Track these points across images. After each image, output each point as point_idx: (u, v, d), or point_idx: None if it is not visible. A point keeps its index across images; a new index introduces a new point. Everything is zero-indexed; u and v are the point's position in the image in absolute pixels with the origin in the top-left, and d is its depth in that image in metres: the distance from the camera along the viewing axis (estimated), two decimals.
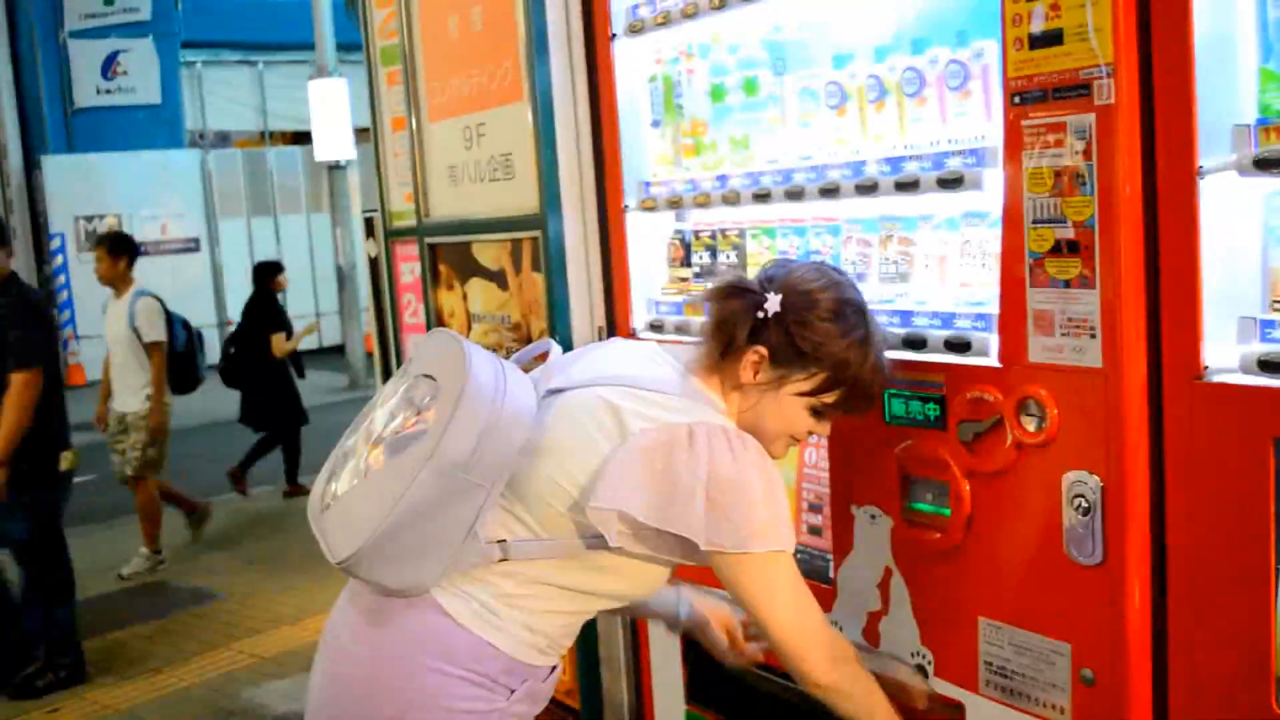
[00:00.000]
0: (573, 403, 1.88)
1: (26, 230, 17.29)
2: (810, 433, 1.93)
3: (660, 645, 2.69)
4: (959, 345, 1.97)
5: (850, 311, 1.84)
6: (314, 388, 15.37)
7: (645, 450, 1.76)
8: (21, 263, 16.95)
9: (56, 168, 16.64)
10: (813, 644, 1.86)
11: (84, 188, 16.60)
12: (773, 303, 1.83)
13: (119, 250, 6.83)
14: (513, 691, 1.88)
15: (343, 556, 1.77)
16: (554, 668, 2.00)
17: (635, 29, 2.58)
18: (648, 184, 2.63)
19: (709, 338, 1.90)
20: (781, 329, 1.82)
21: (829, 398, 1.84)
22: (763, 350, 1.83)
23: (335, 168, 11.76)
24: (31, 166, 17.06)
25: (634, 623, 2.77)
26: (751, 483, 1.79)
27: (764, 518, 1.79)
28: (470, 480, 1.75)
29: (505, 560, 1.83)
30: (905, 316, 2.09)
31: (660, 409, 1.82)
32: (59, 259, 16.43)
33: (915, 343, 2.04)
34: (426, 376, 1.85)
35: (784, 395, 1.85)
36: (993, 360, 1.91)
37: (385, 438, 1.82)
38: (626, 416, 1.80)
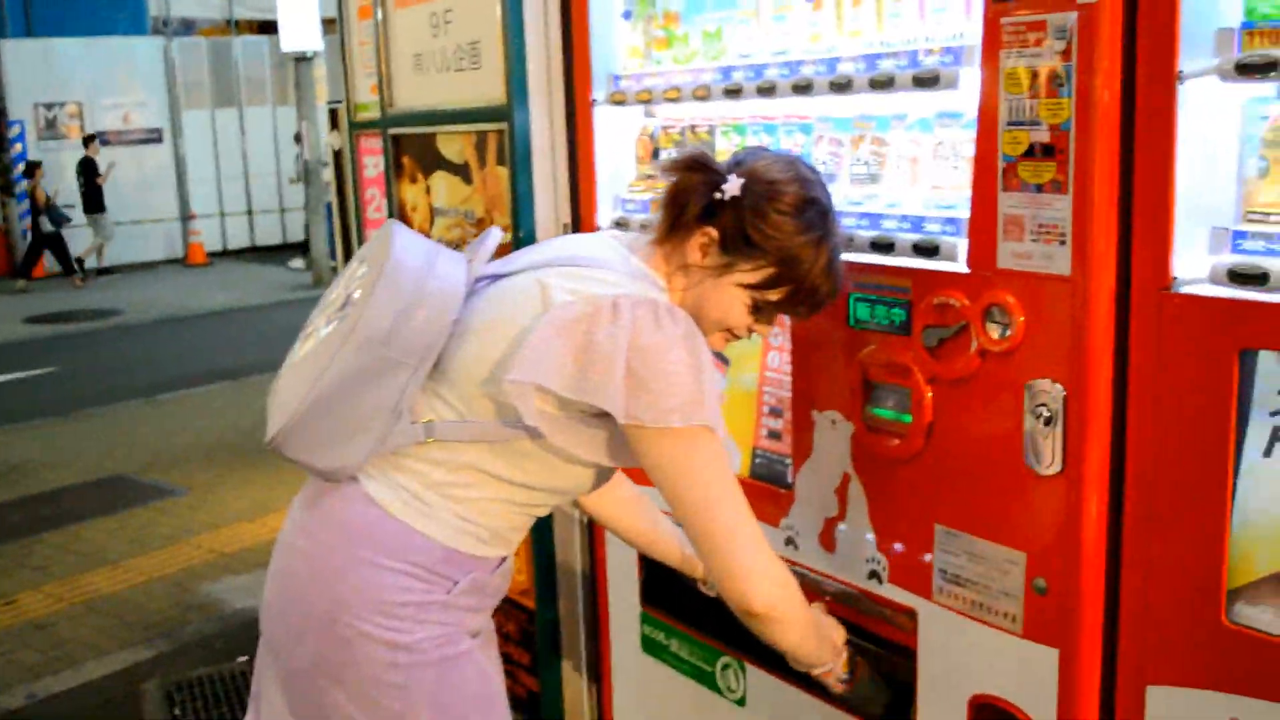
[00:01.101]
0: (506, 285, 1.86)
1: None
2: (750, 330, 1.89)
3: (616, 548, 2.70)
4: (927, 249, 1.94)
5: (811, 210, 1.80)
6: (278, 283, 15.35)
7: (566, 322, 1.71)
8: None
9: (15, 53, 16.35)
10: (747, 552, 1.80)
11: (44, 74, 16.33)
12: (733, 185, 1.80)
13: None
14: (455, 583, 1.86)
15: (270, 435, 1.79)
16: (502, 559, 1.96)
17: None
18: (617, 77, 2.58)
19: (661, 209, 1.87)
20: (737, 214, 1.78)
21: (773, 294, 1.81)
22: (713, 232, 1.79)
23: (302, 59, 11.58)
24: None
25: (590, 525, 2.77)
26: (676, 354, 1.72)
27: (688, 390, 1.72)
28: (390, 357, 1.75)
29: (432, 442, 1.81)
30: (874, 219, 2.07)
31: (591, 282, 1.78)
32: (18, 146, 16.20)
33: (883, 245, 2.02)
34: (362, 261, 1.86)
35: (727, 283, 1.81)
36: (961, 266, 1.89)
37: (326, 318, 1.83)
38: (553, 291, 1.77)
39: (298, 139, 15.47)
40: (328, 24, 9.63)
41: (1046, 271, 1.76)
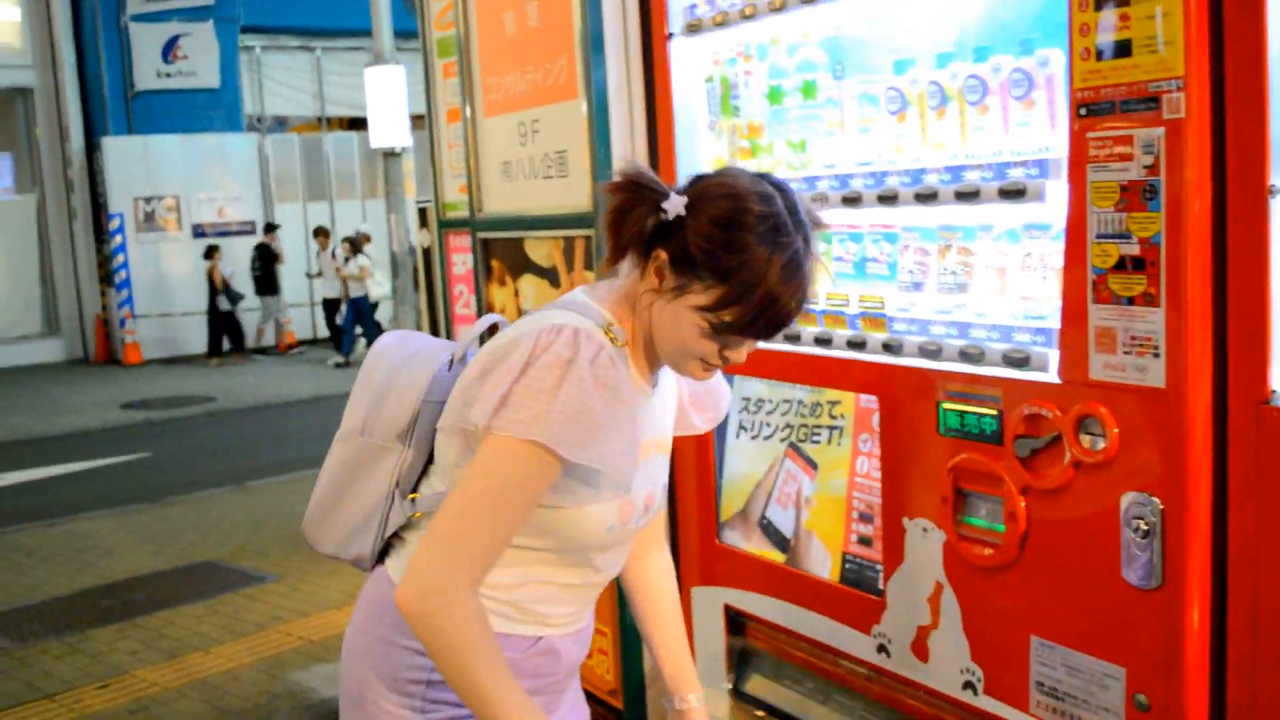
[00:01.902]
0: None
1: (87, 210, 17.58)
2: (722, 356, 1.73)
3: (704, 648, 2.69)
4: (1018, 360, 1.93)
5: (759, 224, 1.65)
6: None
7: (478, 361, 1.69)
8: (81, 242, 17.25)
9: (116, 149, 16.91)
10: (439, 555, 1.66)
11: (143, 169, 16.87)
12: (674, 203, 1.68)
13: None
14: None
15: (306, 533, 1.94)
16: (538, 639, 1.85)
17: (693, 28, 2.56)
18: None
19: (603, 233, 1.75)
20: (682, 235, 1.66)
21: (726, 315, 1.65)
22: (663, 254, 1.68)
23: (390, 154, 11.82)
24: (92, 148, 17.35)
25: None
26: (575, 382, 1.63)
27: (565, 414, 1.62)
28: (372, 443, 1.83)
29: (421, 516, 1.81)
30: (963, 328, 2.06)
31: (521, 325, 1.73)
32: (118, 239, 16.69)
33: (973, 355, 2.01)
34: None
35: (681, 308, 1.68)
36: (1052, 376, 1.88)
37: None
38: (490, 342, 1.74)
39: (317, 234, 16.21)
40: (416, 120, 9.85)
41: (1141, 384, 1.74)
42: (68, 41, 17.49)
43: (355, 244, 15.52)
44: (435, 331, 5.50)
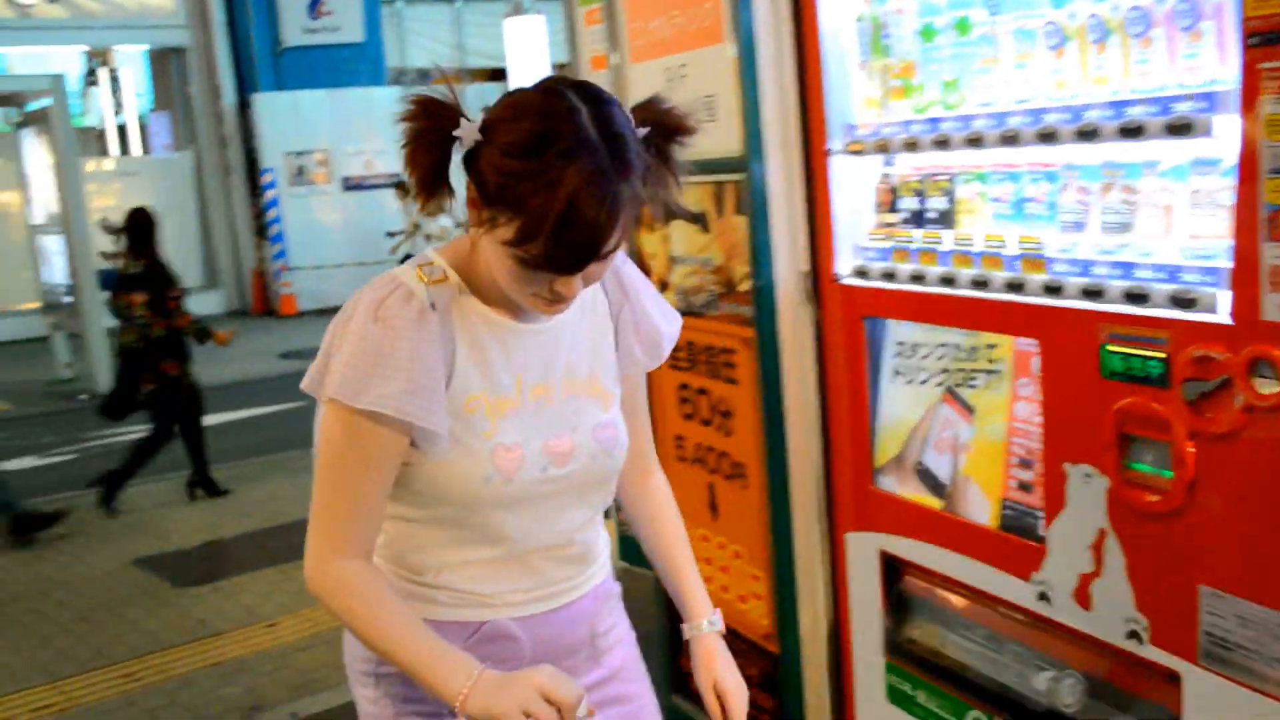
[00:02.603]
0: None
1: (242, 165, 18.13)
2: (554, 293, 1.60)
3: (860, 599, 2.71)
4: (1186, 301, 1.89)
5: (542, 146, 1.50)
6: None
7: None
8: (237, 197, 17.81)
9: (267, 105, 17.36)
10: (314, 529, 1.70)
11: (292, 124, 17.28)
12: (466, 130, 1.56)
13: None
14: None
15: None
16: (480, 624, 1.78)
17: None
18: (854, 127, 2.60)
19: None
20: (479, 164, 1.56)
21: (529, 249, 1.52)
22: (471, 186, 1.57)
23: None
24: (244, 104, 17.84)
25: (833, 567, 2.78)
26: (354, 329, 1.63)
27: (343, 366, 1.62)
28: None
29: None
30: (1127, 269, 2.02)
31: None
32: (271, 193, 17.17)
33: (1138, 296, 1.97)
34: None
35: (494, 242, 1.57)
36: (1223, 317, 1.83)
37: None
38: None
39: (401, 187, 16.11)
40: (558, 69, 9.90)
41: None
42: (218, 1, 17.97)
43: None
44: None
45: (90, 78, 20.45)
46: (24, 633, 5.75)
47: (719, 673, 1.89)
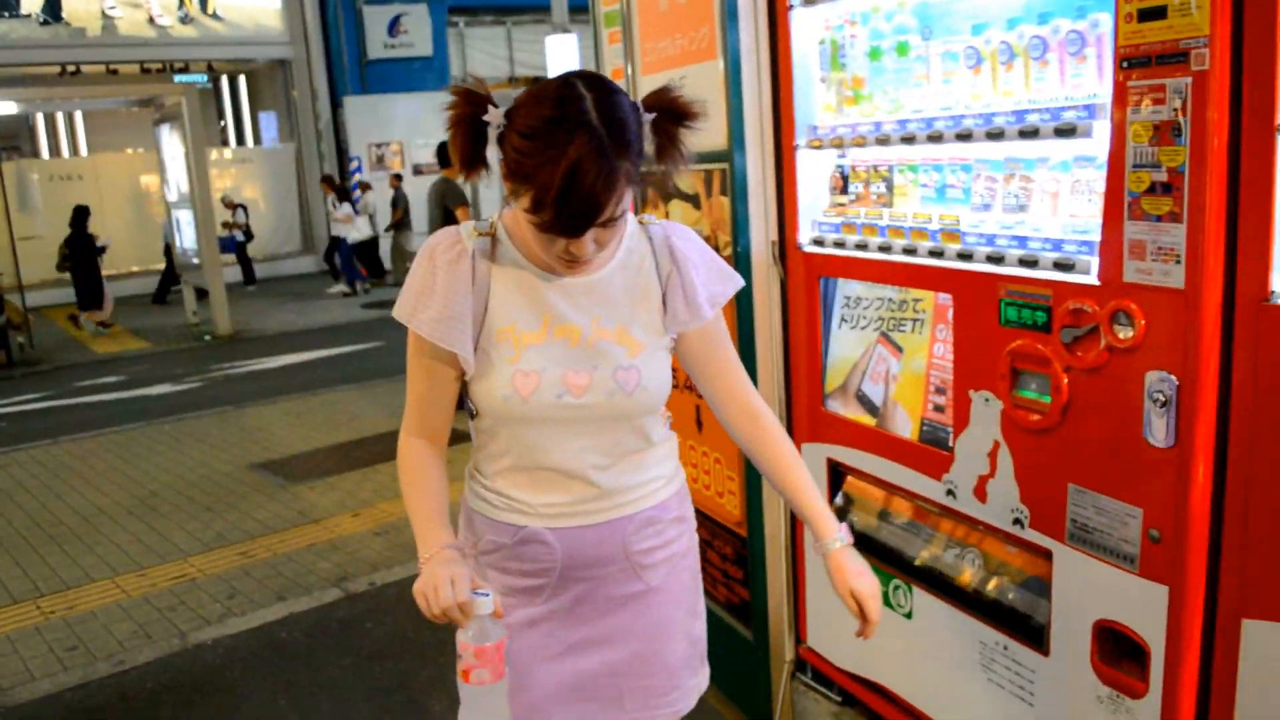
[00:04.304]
0: None
1: (333, 155, 18.08)
2: (570, 252, 1.57)
3: None
4: (1066, 265, 1.94)
5: (547, 128, 1.46)
6: None
7: None
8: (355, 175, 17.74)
9: (354, 106, 17.30)
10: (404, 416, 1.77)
11: (374, 121, 17.22)
12: (493, 114, 1.53)
13: None
14: (478, 540, 1.80)
15: None
16: (520, 528, 1.73)
17: (810, 0, 2.55)
18: (815, 127, 2.62)
19: None
20: (505, 144, 1.53)
21: (539, 216, 1.49)
22: (502, 163, 1.54)
23: None
24: (336, 105, 17.78)
25: None
26: (415, 265, 1.69)
27: (404, 291, 1.69)
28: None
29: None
30: (1022, 241, 2.06)
31: None
32: (356, 176, 17.12)
33: (1029, 262, 2.01)
34: None
35: (520, 210, 1.55)
36: (1093, 279, 1.88)
37: None
38: None
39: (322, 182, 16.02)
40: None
41: (1164, 285, 1.73)
42: (315, 22, 17.85)
43: (341, 192, 15.18)
44: None
45: (214, 83, 20.33)
46: (161, 520, 5.85)
47: (853, 582, 1.75)
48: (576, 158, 1.44)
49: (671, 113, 1.62)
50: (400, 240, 15.35)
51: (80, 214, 12.98)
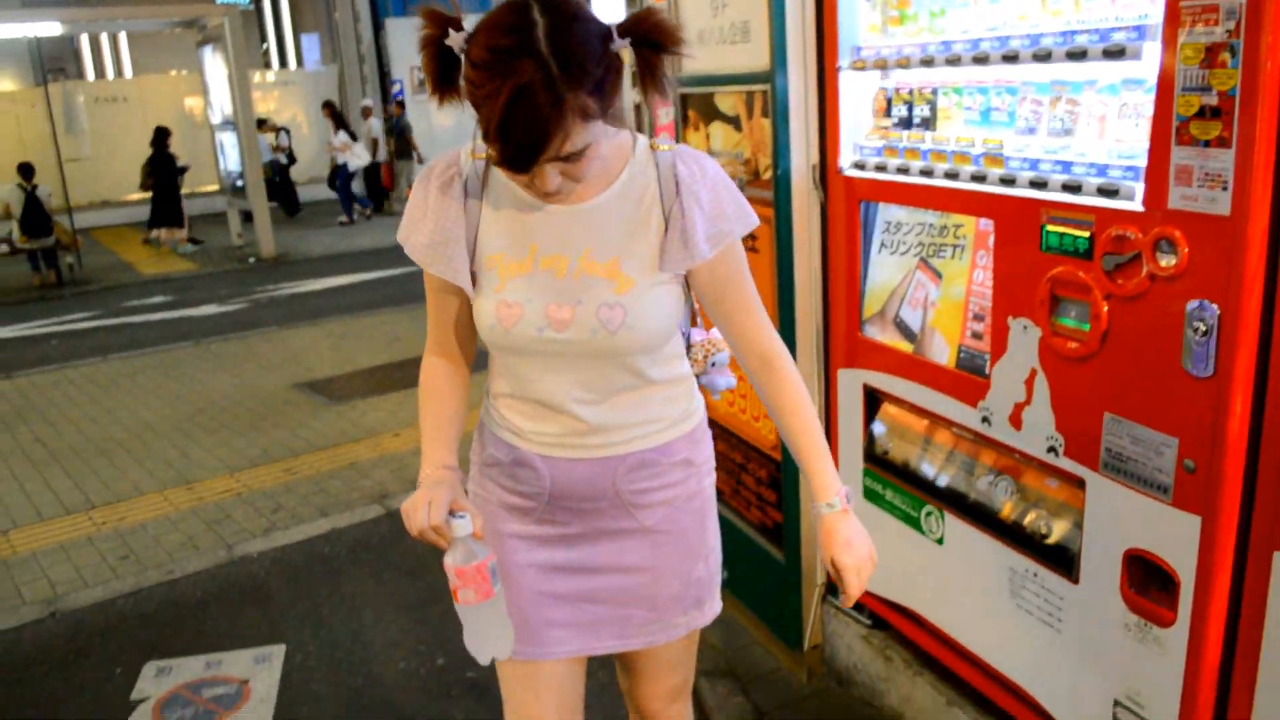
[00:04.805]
0: None
1: (375, 77, 18.00)
2: (533, 183, 1.51)
3: (846, 419, 2.78)
4: (1109, 191, 1.91)
5: (499, 58, 1.37)
6: None
7: None
8: (373, 101, 17.73)
9: (396, 28, 17.17)
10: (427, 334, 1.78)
11: (415, 45, 17.01)
12: (454, 40, 1.44)
13: None
14: (484, 449, 1.82)
15: None
16: (513, 448, 1.74)
17: None
18: (859, 48, 2.58)
19: None
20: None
21: (493, 149, 1.42)
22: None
23: None
24: (378, 28, 17.65)
25: (827, 395, 2.85)
26: (412, 188, 1.68)
27: (404, 214, 1.68)
28: None
29: None
30: (1066, 166, 2.03)
31: None
32: (396, 101, 17.05)
33: (1073, 187, 1.99)
34: None
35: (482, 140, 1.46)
36: (1137, 205, 1.85)
37: None
38: None
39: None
40: (629, 2, 9.71)
41: (1210, 212, 1.71)
42: None
43: (339, 119, 15.08)
44: None
45: (256, 4, 20.27)
46: (207, 437, 6.00)
47: (836, 551, 1.67)
48: (517, 90, 1.35)
49: (648, 40, 1.47)
50: (402, 168, 15.34)
51: (161, 134, 13.36)
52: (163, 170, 13.27)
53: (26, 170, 11.50)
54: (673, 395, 1.76)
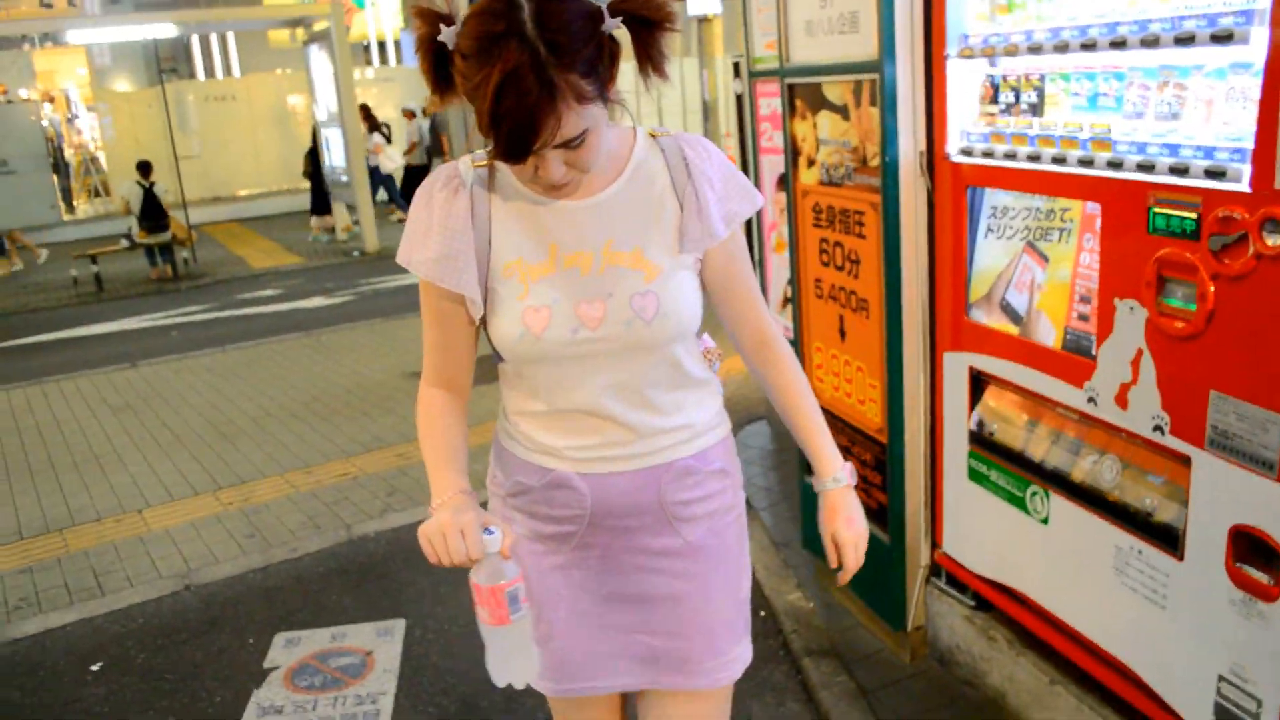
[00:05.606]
0: None
1: None
2: (537, 175, 1.47)
3: (951, 401, 2.86)
4: (1217, 173, 1.96)
5: (485, 44, 1.33)
6: None
7: None
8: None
9: None
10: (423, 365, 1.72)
11: None
12: (447, 35, 1.40)
13: None
14: (505, 480, 1.75)
15: None
16: (548, 470, 1.66)
17: None
18: (966, 36, 2.66)
19: None
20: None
21: (490, 142, 1.39)
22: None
23: (703, 20, 11.82)
24: None
25: (932, 378, 2.93)
26: (413, 204, 1.61)
27: (404, 233, 1.60)
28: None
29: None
30: (1174, 149, 2.09)
31: None
32: None
33: (1180, 169, 2.04)
34: None
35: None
36: (1244, 186, 1.90)
37: None
38: None
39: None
40: None
41: None
42: None
43: (372, 123, 15.23)
44: (743, 160, 5.64)
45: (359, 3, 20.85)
46: (323, 423, 6.29)
47: (838, 526, 1.72)
48: (504, 74, 1.30)
49: (639, 16, 1.44)
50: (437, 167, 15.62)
51: (316, 131, 14.20)
52: (320, 162, 14.12)
53: (145, 168, 12.12)
54: (703, 398, 1.72)
